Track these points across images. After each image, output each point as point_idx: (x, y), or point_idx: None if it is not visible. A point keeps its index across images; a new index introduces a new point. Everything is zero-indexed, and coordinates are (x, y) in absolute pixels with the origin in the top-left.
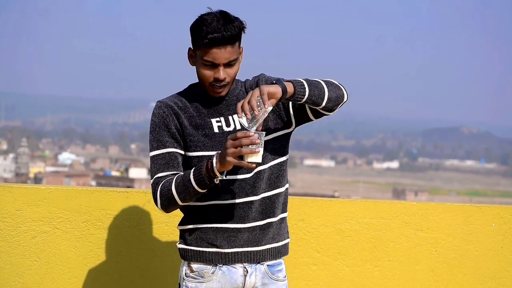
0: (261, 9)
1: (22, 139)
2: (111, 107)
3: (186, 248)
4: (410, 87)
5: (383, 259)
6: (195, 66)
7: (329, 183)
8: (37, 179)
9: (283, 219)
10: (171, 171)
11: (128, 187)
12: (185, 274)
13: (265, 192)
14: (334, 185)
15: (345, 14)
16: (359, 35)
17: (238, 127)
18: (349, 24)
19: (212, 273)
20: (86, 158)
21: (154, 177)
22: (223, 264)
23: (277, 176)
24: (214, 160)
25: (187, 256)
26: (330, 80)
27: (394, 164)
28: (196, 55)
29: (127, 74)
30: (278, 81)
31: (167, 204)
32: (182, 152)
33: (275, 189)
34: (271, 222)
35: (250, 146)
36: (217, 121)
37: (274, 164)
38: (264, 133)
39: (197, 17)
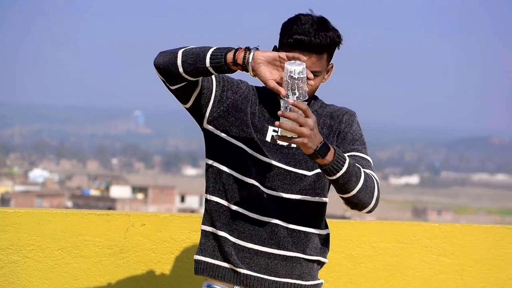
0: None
1: None
2: (89, 116)
3: (200, 260)
4: (431, 92)
5: None
6: None
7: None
8: (5, 200)
9: (319, 263)
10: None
11: (109, 208)
12: None
13: (298, 224)
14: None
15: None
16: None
17: (294, 145)
18: (367, 27)
19: None
20: (60, 175)
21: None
22: (234, 285)
23: (316, 215)
24: (254, 53)
25: (200, 269)
26: (373, 179)
27: (414, 179)
28: None
29: (106, 80)
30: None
31: (163, 57)
32: (214, 90)
33: (311, 227)
34: (301, 258)
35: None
36: (274, 130)
37: (313, 201)
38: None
39: (295, 15)
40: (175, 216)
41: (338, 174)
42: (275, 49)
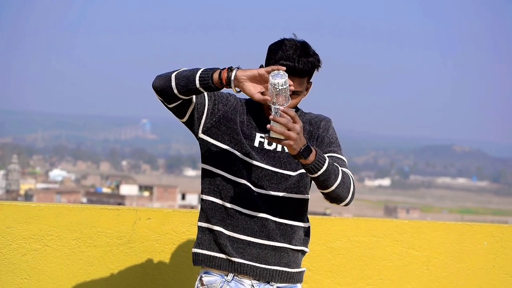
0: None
1: (13, 155)
2: (102, 124)
3: (197, 252)
4: (401, 105)
5: (375, 277)
6: None
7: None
8: (28, 196)
9: (303, 252)
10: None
11: (119, 204)
12: (197, 287)
13: (285, 218)
14: (325, 202)
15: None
16: (353, 51)
17: (279, 148)
18: (346, 41)
19: (221, 287)
20: (77, 174)
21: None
22: (229, 272)
23: (300, 210)
24: (236, 72)
25: (198, 261)
26: (349, 176)
27: (386, 182)
28: None
29: (118, 91)
30: (308, 147)
31: (160, 81)
32: (206, 105)
33: (296, 220)
34: (287, 248)
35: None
36: (261, 136)
37: (297, 198)
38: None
39: (279, 39)
40: (177, 212)
41: (319, 172)
42: (261, 67)
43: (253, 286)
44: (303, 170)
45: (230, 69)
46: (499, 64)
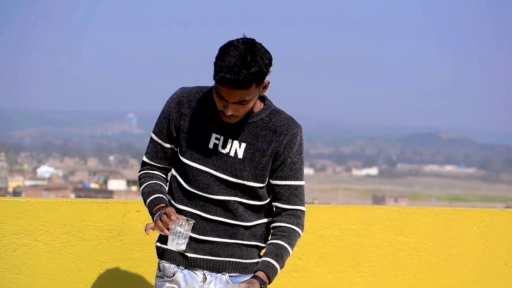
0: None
1: (0, 153)
2: (89, 119)
3: (158, 246)
4: (387, 94)
5: (365, 264)
6: None
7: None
8: (16, 193)
9: (257, 247)
10: (157, 162)
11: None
12: (156, 273)
13: (235, 220)
14: (313, 193)
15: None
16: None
17: (233, 153)
18: (335, 32)
19: (173, 274)
20: (65, 171)
21: (144, 157)
22: (184, 267)
23: (253, 212)
24: (154, 209)
25: (158, 253)
26: (296, 236)
27: (373, 171)
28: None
29: (104, 87)
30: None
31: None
32: (175, 148)
33: (248, 221)
34: (240, 243)
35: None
36: (216, 138)
37: (251, 203)
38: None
39: (228, 42)
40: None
41: (277, 275)
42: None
43: (204, 275)
44: (255, 183)
45: (153, 215)
46: (485, 52)
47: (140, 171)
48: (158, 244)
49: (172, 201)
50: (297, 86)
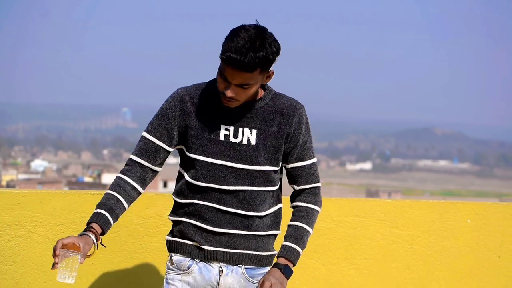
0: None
1: None
2: (82, 113)
3: (170, 240)
4: (381, 89)
5: (359, 257)
6: None
7: None
8: (10, 187)
9: (274, 236)
10: (144, 160)
11: None
12: (167, 266)
13: (251, 211)
14: None
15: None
16: (336, 36)
17: (245, 141)
18: (330, 26)
19: (188, 267)
20: (58, 164)
21: (130, 155)
22: (200, 260)
23: (267, 200)
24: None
25: (171, 247)
26: (314, 215)
27: (367, 165)
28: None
29: (97, 81)
30: (287, 270)
31: None
32: (169, 149)
33: (263, 211)
34: (256, 235)
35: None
36: (225, 129)
37: (264, 190)
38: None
39: (240, 25)
40: (160, 196)
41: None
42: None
43: (221, 267)
44: (270, 167)
45: (96, 240)
46: (479, 48)
47: (120, 171)
48: (170, 238)
49: (183, 199)
50: (291, 80)
